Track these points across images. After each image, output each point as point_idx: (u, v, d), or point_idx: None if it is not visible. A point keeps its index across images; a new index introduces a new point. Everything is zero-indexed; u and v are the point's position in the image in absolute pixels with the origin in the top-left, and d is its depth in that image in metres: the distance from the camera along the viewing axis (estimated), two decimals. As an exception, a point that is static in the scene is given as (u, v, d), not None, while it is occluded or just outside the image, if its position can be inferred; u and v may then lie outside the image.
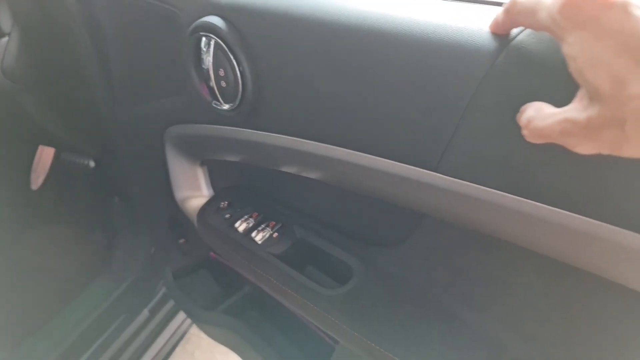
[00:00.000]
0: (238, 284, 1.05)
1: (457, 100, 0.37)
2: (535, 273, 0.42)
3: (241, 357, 0.99)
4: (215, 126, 0.67)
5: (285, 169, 0.61)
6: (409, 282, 0.53)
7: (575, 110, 0.28)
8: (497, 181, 0.37)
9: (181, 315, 1.40)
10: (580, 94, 0.28)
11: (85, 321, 1.11)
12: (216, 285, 1.12)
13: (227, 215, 0.74)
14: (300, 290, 0.59)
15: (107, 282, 1.25)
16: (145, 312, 1.26)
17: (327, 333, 0.83)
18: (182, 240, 1.07)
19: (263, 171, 0.72)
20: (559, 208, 0.34)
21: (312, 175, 0.57)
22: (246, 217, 0.72)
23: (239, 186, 0.80)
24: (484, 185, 0.38)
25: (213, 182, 0.84)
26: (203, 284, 1.11)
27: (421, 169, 0.42)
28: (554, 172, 0.34)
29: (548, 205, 0.34)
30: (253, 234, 0.69)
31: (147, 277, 1.25)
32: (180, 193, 0.83)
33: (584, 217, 0.33)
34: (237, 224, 0.72)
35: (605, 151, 0.27)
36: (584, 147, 0.28)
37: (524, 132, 0.31)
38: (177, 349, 1.62)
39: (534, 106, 0.31)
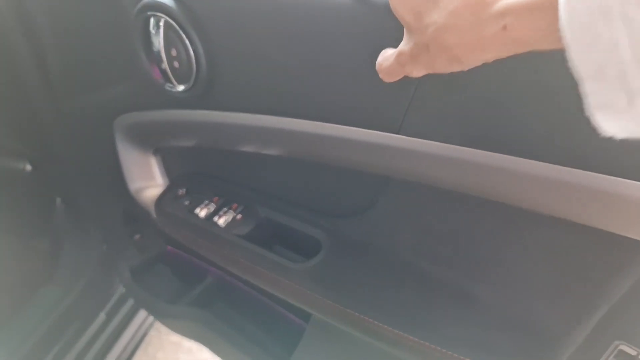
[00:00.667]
0: (200, 275, 1.03)
1: None
2: (497, 223, 0.45)
3: (210, 349, 0.98)
4: (168, 111, 0.65)
5: (244, 147, 0.61)
6: (377, 247, 0.55)
7: (403, 44, 0.33)
8: (459, 137, 0.39)
9: (140, 316, 1.36)
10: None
11: (36, 332, 1.04)
12: (177, 279, 1.09)
13: (187, 202, 0.73)
14: (270, 267, 0.59)
15: (56, 289, 1.18)
16: (102, 316, 1.21)
17: (296, 315, 0.84)
18: (137, 236, 1.04)
19: (220, 154, 0.71)
20: (519, 156, 0.36)
21: (274, 151, 0.57)
22: (206, 202, 0.71)
23: (196, 172, 0.79)
24: (446, 143, 0.40)
25: (168, 170, 0.81)
26: (163, 279, 1.08)
27: (384, 133, 0.44)
28: (509, 122, 0.36)
29: (508, 154, 0.37)
30: (215, 218, 0.68)
31: (101, 279, 1.19)
32: (134, 184, 0.80)
33: (542, 163, 0.35)
34: (197, 210, 0.70)
35: (429, 71, 0.32)
36: (417, 72, 0.33)
37: (380, 75, 0.35)
38: (138, 352, 1.57)
39: (382, 53, 0.35)
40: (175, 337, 1.72)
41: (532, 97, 0.33)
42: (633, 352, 0.45)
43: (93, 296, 1.20)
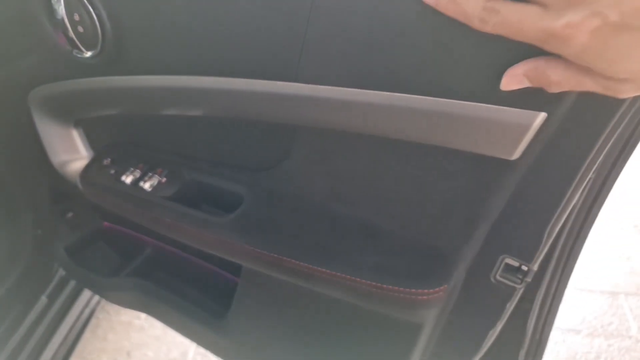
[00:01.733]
0: (139, 248, 1.04)
1: (299, 6, 0.42)
2: (392, 160, 0.50)
3: (154, 316, 1.00)
4: (81, 80, 0.65)
5: (161, 110, 0.62)
6: (294, 195, 0.59)
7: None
8: (348, 79, 0.43)
9: (84, 297, 1.35)
10: None
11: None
12: (116, 254, 1.10)
13: (112, 172, 0.74)
14: (195, 223, 0.62)
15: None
16: (43, 299, 1.19)
17: (231, 273, 0.88)
18: (69, 214, 1.03)
19: (141, 121, 0.72)
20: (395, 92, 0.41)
21: (189, 110, 0.60)
22: (131, 169, 0.72)
23: (119, 142, 0.79)
24: (342, 86, 0.44)
25: (91, 142, 0.81)
26: (101, 256, 1.08)
27: (282, 82, 0.47)
28: (388, 62, 0.41)
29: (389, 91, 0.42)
30: (141, 184, 0.69)
31: (39, 263, 1.18)
32: (57, 158, 0.79)
33: (414, 96, 0.40)
34: (123, 177, 0.71)
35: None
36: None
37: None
38: (87, 335, 1.57)
39: None
40: (126, 317, 1.72)
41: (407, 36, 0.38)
42: (516, 264, 0.53)
43: (32, 281, 1.18)
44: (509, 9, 0.29)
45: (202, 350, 1.58)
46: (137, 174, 0.72)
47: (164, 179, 0.69)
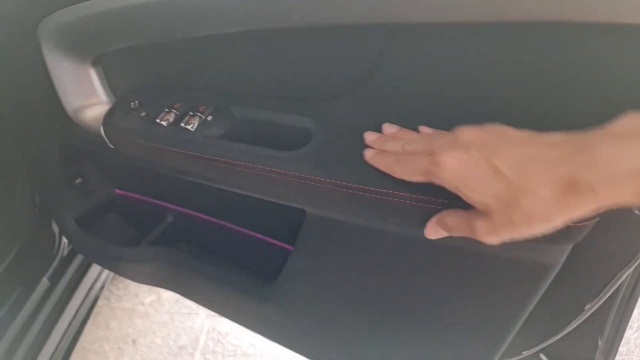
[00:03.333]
0: (158, 217, 0.93)
1: None
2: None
3: (181, 292, 0.89)
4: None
5: (204, 29, 0.52)
6: (375, 124, 0.50)
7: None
8: None
9: (88, 280, 1.23)
10: None
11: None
12: (131, 226, 0.98)
13: (143, 114, 0.63)
14: (260, 160, 0.52)
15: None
16: (45, 281, 1.07)
17: (269, 237, 0.78)
18: (78, 180, 0.90)
19: (173, 55, 0.61)
20: None
21: (233, 25, 0.49)
22: (167, 110, 0.61)
23: (146, 85, 0.68)
24: None
25: (112, 87, 0.70)
26: (115, 227, 0.97)
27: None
28: None
29: None
30: (182, 124, 0.59)
31: (39, 239, 1.05)
32: (71, 103, 0.67)
33: None
34: (158, 119, 0.60)
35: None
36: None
37: None
38: (88, 323, 1.44)
39: None
40: (128, 303, 1.60)
41: None
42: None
43: (32, 260, 1.06)
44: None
45: (214, 335, 1.48)
46: (175, 114, 0.61)
47: (209, 118, 0.58)
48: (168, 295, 1.61)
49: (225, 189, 0.60)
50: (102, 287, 1.35)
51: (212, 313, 1.56)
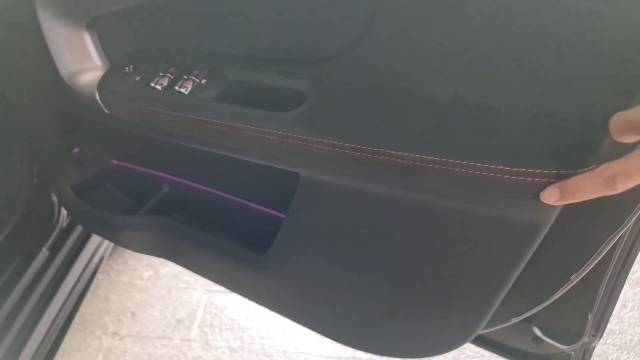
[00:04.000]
0: (153, 186, 0.93)
1: None
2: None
3: (178, 261, 0.90)
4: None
5: None
6: (370, 84, 0.49)
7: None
8: None
9: (87, 252, 1.24)
10: None
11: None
12: (127, 196, 0.99)
13: (137, 78, 0.62)
14: (253, 121, 0.52)
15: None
16: (45, 251, 1.08)
17: (263, 206, 0.78)
18: (75, 150, 0.91)
19: (165, 19, 0.61)
20: None
21: None
22: (161, 74, 0.61)
23: (140, 50, 0.68)
24: None
25: (106, 50, 0.69)
26: (112, 197, 0.97)
27: None
28: None
29: None
30: (176, 88, 0.59)
31: (38, 209, 1.06)
32: (65, 67, 0.67)
33: None
34: (152, 84, 0.60)
35: None
36: None
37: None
38: (87, 296, 1.45)
39: None
40: (127, 277, 1.62)
41: None
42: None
43: (31, 230, 1.06)
44: (623, 170, 0.34)
45: (211, 309, 1.50)
46: (169, 78, 0.61)
47: (203, 81, 0.58)
48: (166, 270, 1.63)
49: (220, 153, 0.60)
50: (102, 259, 1.37)
51: (210, 288, 1.58)
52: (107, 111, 0.66)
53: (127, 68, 0.64)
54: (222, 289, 1.56)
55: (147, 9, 0.61)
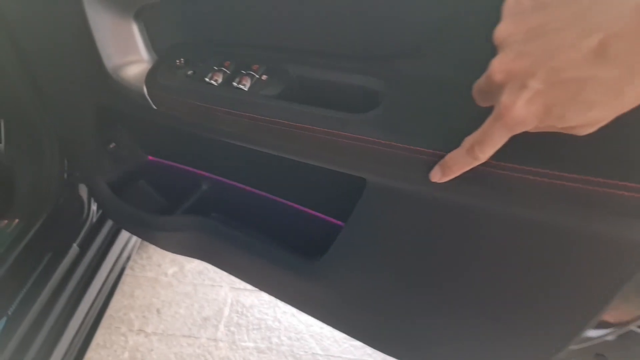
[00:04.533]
0: (191, 184, 0.90)
1: None
2: None
3: (217, 264, 0.86)
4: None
5: None
6: (453, 80, 0.44)
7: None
8: None
9: (117, 248, 1.21)
10: None
11: (2, 265, 0.88)
12: (164, 194, 0.95)
13: (190, 72, 0.58)
14: (323, 123, 0.47)
15: (14, 222, 1.00)
16: (75, 248, 1.05)
17: (311, 209, 0.74)
18: (112, 145, 0.87)
19: (220, 9, 0.56)
20: None
21: None
22: (216, 68, 0.57)
23: (191, 41, 0.63)
24: None
25: (153, 42, 0.65)
26: (148, 194, 0.94)
27: None
28: None
29: None
30: (234, 83, 0.54)
31: (67, 204, 1.03)
32: (110, 59, 0.63)
33: None
34: (207, 78, 0.56)
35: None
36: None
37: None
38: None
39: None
40: (152, 273, 1.60)
41: None
42: None
43: (62, 226, 1.04)
44: (477, 138, 0.36)
45: (238, 308, 1.47)
46: (225, 73, 0.56)
47: (263, 77, 0.54)
48: (191, 266, 1.60)
49: (281, 155, 0.56)
50: (129, 257, 1.34)
51: (236, 285, 1.54)
52: (154, 107, 0.62)
53: (177, 61, 0.60)
54: (248, 286, 1.53)
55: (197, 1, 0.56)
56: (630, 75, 0.26)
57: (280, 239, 0.75)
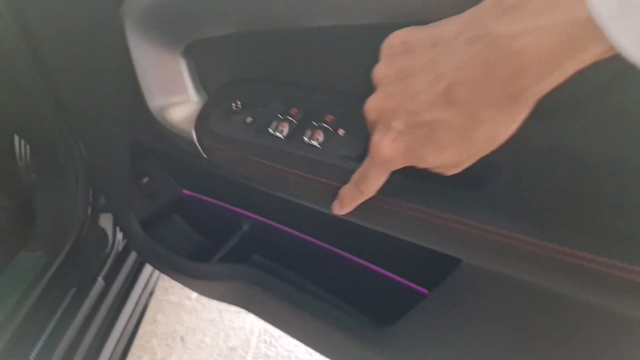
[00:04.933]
0: (230, 223, 0.82)
1: None
2: None
3: (263, 317, 0.77)
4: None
5: (333, 17, 0.38)
6: (594, 154, 0.35)
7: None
8: None
9: (143, 277, 1.14)
10: None
11: (26, 304, 0.81)
12: (199, 231, 0.87)
13: (249, 120, 0.50)
14: (417, 200, 0.38)
15: (36, 254, 0.94)
16: (100, 281, 0.98)
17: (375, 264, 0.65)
18: (145, 179, 0.79)
19: (284, 44, 0.48)
20: None
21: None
22: (281, 117, 0.48)
23: (244, 79, 0.55)
24: None
25: (202, 79, 0.57)
26: (181, 233, 0.86)
27: None
28: None
29: None
30: (306, 138, 0.45)
31: (92, 233, 0.95)
32: (154, 99, 0.55)
33: None
34: (271, 129, 0.48)
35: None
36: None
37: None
38: (137, 317, 1.35)
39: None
40: (175, 297, 1.52)
41: None
42: None
43: (86, 258, 0.96)
44: (360, 174, 0.37)
45: (266, 338, 1.39)
46: (292, 123, 0.48)
47: (340, 131, 0.45)
48: (217, 289, 1.53)
49: (361, 224, 0.47)
50: (155, 284, 1.27)
51: (263, 312, 1.47)
52: (205, 156, 0.54)
53: (233, 104, 0.51)
54: (275, 314, 1.46)
55: (256, 35, 0.48)
56: (475, 121, 0.26)
57: (337, 296, 0.67)
